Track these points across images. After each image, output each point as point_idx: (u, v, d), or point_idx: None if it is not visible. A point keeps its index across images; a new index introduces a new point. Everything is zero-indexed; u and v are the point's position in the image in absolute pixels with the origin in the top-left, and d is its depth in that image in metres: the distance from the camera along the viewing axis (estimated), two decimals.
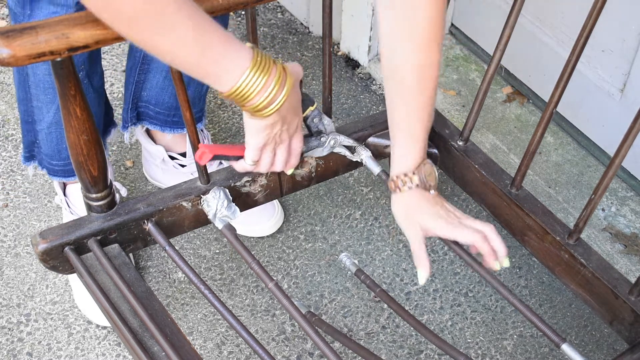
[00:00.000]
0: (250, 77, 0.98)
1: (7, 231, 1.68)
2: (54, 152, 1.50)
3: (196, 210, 1.28)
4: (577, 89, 1.78)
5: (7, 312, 1.56)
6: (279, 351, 1.52)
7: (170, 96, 1.56)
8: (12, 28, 0.92)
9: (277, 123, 1.07)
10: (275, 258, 1.66)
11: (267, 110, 1.02)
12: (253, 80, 0.98)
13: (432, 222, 1.17)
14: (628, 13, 1.62)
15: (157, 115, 1.60)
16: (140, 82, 1.56)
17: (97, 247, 1.19)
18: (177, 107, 1.58)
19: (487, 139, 1.88)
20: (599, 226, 1.72)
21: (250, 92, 0.99)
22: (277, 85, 1.01)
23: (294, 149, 1.16)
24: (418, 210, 1.18)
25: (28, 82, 1.41)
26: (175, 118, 1.60)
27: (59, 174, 1.54)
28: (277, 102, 1.02)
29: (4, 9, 2.21)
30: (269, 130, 1.08)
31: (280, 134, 1.11)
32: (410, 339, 1.54)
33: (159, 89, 1.56)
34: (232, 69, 0.97)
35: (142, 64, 1.54)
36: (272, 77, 1.00)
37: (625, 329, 1.21)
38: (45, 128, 1.46)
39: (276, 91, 1.01)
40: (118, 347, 1.52)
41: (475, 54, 2.09)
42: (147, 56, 1.52)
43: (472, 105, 1.32)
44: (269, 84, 1.00)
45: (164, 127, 1.62)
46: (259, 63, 0.98)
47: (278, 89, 1.01)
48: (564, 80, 1.19)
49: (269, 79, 1.00)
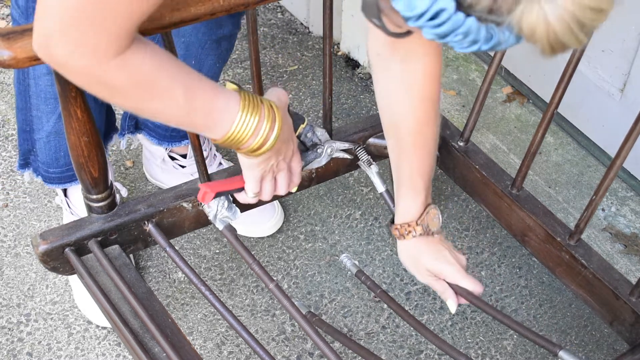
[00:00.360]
0: (241, 122, 0.98)
1: (7, 231, 1.68)
2: (51, 160, 1.49)
3: (196, 211, 1.28)
4: (577, 89, 1.78)
5: (7, 312, 1.56)
6: (279, 351, 1.52)
7: None
8: (12, 30, 0.92)
9: (272, 157, 1.08)
10: (275, 258, 1.66)
11: (262, 150, 1.03)
12: (245, 124, 0.99)
13: (439, 266, 1.19)
14: (628, 13, 1.62)
15: (155, 128, 1.60)
16: None
17: (98, 248, 1.19)
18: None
19: (487, 139, 1.88)
20: (599, 226, 1.72)
21: (243, 136, 0.99)
22: (268, 123, 1.01)
23: (294, 170, 1.17)
24: (424, 257, 1.20)
25: (29, 92, 1.40)
26: (173, 132, 1.60)
27: (55, 181, 1.53)
28: (271, 140, 1.02)
29: (4, 9, 2.21)
30: (264, 165, 1.09)
31: (277, 164, 1.12)
32: (410, 339, 1.54)
33: None
34: (224, 118, 0.98)
35: None
36: (262, 116, 1.00)
37: (625, 330, 1.21)
38: (44, 137, 1.45)
39: (269, 129, 1.01)
40: (118, 347, 1.52)
41: (475, 53, 2.09)
42: None
43: (473, 105, 1.32)
44: (260, 124, 1.00)
45: (161, 141, 1.62)
46: (247, 106, 0.99)
47: (270, 126, 1.01)
48: (564, 81, 1.19)
49: (260, 119, 1.00)
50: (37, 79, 1.37)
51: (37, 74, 1.37)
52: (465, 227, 1.73)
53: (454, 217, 1.74)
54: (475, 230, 1.72)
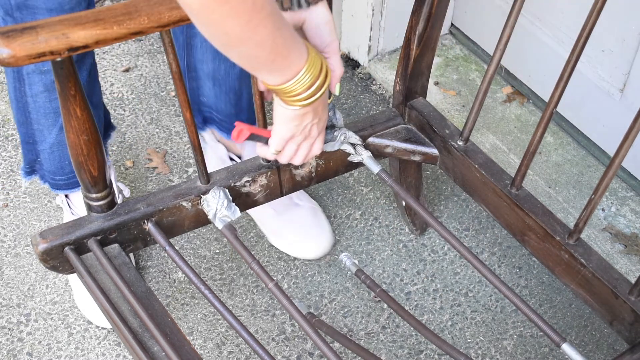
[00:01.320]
0: (302, 77, 1.00)
1: (7, 231, 1.68)
2: (57, 168, 1.49)
3: (196, 210, 1.28)
4: (577, 89, 1.78)
5: (7, 312, 1.56)
6: (279, 351, 1.52)
7: (226, 104, 1.56)
8: (12, 28, 0.92)
9: (309, 114, 1.08)
10: (275, 258, 1.66)
11: (307, 102, 1.04)
12: (304, 80, 1.00)
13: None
14: (628, 13, 1.62)
15: (221, 121, 1.60)
16: (194, 89, 1.56)
17: (97, 247, 1.19)
18: (236, 114, 1.57)
19: (487, 139, 1.88)
20: (599, 226, 1.72)
21: (297, 89, 1.01)
22: (320, 82, 1.03)
23: (316, 144, 1.17)
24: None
25: (28, 108, 1.40)
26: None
27: (62, 187, 1.53)
28: (317, 95, 1.04)
29: None
30: (298, 121, 1.09)
31: (310, 127, 1.11)
32: (410, 339, 1.54)
33: (214, 97, 1.55)
34: (289, 67, 0.98)
35: (189, 72, 1.54)
36: (320, 76, 1.02)
37: (625, 329, 1.21)
38: (48, 148, 1.45)
39: (317, 87, 1.03)
40: (118, 347, 1.52)
41: (475, 54, 2.09)
42: (190, 65, 1.52)
43: (472, 105, 1.32)
44: (314, 82, 1.02)
45: (229, 135, 1.60)
46: (312, 65, 1.00)
47: (319, 85, 1.03)
48: (564, 80, 1.19)
49: (317, 78, 1.02)
50: (35, 97, 1.37)
51: (35, 92, 1.37)
52: (465, 227, 1.73)
53: (454, 217, 1.74)
54: (475, 230, 1.72)
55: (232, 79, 1.51)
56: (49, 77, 1.36)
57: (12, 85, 1.39)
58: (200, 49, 1.49)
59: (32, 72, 1.35)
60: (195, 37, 1.48)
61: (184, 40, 1.50)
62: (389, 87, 2.01)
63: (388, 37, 2.04)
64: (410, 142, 1.43)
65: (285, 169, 1.34)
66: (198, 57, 1.50)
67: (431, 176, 1.82)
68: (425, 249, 1.69)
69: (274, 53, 0.94)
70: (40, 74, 1.35)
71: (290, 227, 1.63)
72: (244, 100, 1.56)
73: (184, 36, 1.49)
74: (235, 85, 1.53)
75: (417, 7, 1.32)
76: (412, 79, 1.41)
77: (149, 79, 2.01)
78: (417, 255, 1.67)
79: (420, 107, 1.43)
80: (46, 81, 1.36)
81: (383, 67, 2.05)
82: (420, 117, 1.42)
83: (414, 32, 1.34)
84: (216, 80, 1.52)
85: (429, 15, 1.31)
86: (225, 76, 1.51)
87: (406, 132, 1.44)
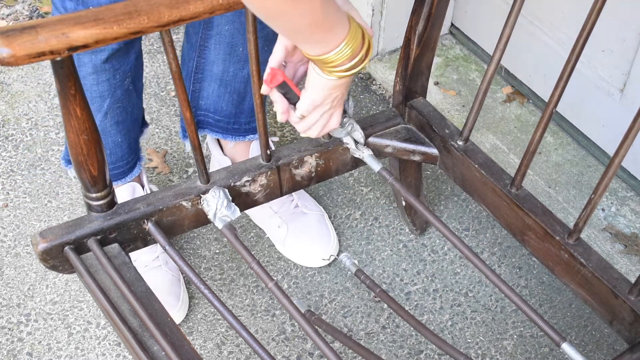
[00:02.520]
0: (342, 49, 1.00)
1: (7, 231, 1.69)
2: None
3: (196, 210, 1.28)
4: (577, 89, 1.78)
5: (7, 312, 1.56)
6: (279, 351, 1.52)
7: (228, 104, 1.56)
8: (12, 27, 0.92)
9: (343, 86, 1.09)
10: (275, 258, 1.66)
11: (347, 73, 1.04)
12: (344, 51, 1.01)
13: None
14: (628, 13, 1.62)
15: (217, 123, 1.60)
16: (196, 90, 1.56)
17: (97, 247, 1.19)
18: (237, 115, 1.58)
19: (487, 139, 1.88)
20: (599, 226, 1.72)
21: (337, 60, 1.01)
22: (363, 55, 1.03)
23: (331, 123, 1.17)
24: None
25: None
26: (235, 125, 1.60)
27: None
28: (359, 67, 1.04)
29: (4, 9, 2.21)
30: (331, 91, 1.09)
31: (340, 98, 1.12)
32: (410, 339, 1.54)
33: (216, 97, 1.56)
34: (331, 39, 0.99)
35: (196, 73, 1.54)
36: (362, 49, 1.02)
37: (625, 329, 1.21)
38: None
39: (360, 59, 1.03)
40: (118, 347, 1.52)
41: (475, 54, 2.09)
42: (200, 65, 1.53)
43: (472, 105, 1.32)
44: (356, 54, 1.02)
45: (225, 135, 1.61)
46: (353, 37, 1.00)
47: (361, 58, 1.03)
48: (563, 80, 1.19)
49: (359, 50, 1.02)
50: (82, 80, 1.36)
51: (83, 74, 1.37)
52: (465, 227, 1.73)
53: (454, 217, 1.74)
54: (475, 230, 1.72)
55: (239, 81, 1.52)
56: (99, 57, 1.36)
57: None
58: (214, 50, 1.49)
59: (83, 53, 1.34)
60: (210, 39, 1.48)
61: (197, 41, 1.50)
62: (389, 87, 2.01)
63: (388, 37, 2.04)
64: (410, 142, 1.43)
65: (285, 168, 1.34)
66: (210, 58, 1.51)
67: (431, 176, 1.82)
68: (425, 249, 1.69)
69: (314, 26, 0.94)
70: (91, 53, 1.35)
71: (296, 237, 1.64)
72: (247, 102, 1.56)
73: (198, 37, 1.49)
74: (240, 88, 1.53)
75: (417, 7, 1.32)
76: (412, 79, 1.41)
77: (149, 79, 2.01)
78: (417, 255, 1.67)
79: (420, 107, 1.43)
80: (96, 61, 1.36)
81: (383, 67, 2.05)
82: (420, 117, 1.42)
83: (414, 32, 1.35)
84: (223, 82, 1.52)
85: (429, 15, 1.31)
86: (232, 78, 1.52)
87: (406, 132, 1.44)
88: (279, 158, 1.33)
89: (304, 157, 1.35)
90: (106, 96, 1.42)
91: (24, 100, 1.96)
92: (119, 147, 1.50)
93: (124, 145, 1.51)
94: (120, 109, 1.46)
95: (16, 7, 2.23)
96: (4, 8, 2.22)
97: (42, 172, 1.80)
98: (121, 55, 1.39)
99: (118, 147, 1.50)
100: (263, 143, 1.30)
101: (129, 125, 1.50)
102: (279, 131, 1.90)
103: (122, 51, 1.38)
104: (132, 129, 1.52)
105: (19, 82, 2.01)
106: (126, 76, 1.42)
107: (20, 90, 1.99)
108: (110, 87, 1.41)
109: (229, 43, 1.47)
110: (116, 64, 1.39)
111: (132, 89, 1.45)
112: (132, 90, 1.45)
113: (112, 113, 1.45)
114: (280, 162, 1.33)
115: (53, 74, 1.03)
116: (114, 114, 1.45)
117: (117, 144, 1.50)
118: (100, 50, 1.35)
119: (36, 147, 1.85)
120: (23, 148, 1.85)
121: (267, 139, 1.30)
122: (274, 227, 1.66)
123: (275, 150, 1.34)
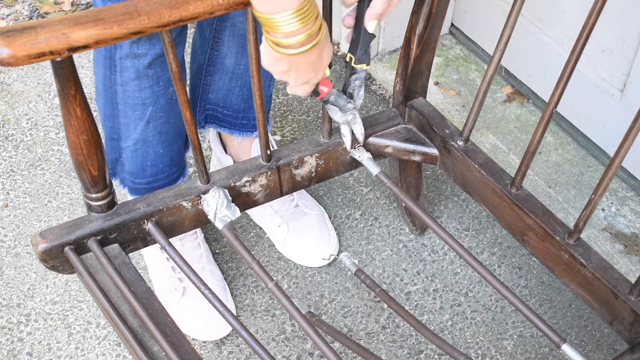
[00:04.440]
0: (289, 18, 0.97)
1: (7, 231, 1.69)
2: (138, 170, 1.46)
3: (196, 210, 1.28)
4: (577, 89, 1.78)
5: (7, 312, 1.56)
6: (279, 351, 1.52)
7: (238, 98, 1.55)
8: (12, 28, 0.92)
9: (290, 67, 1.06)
10: (275, 258, 1.66)
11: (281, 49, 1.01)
12: (289, 21, 0.98)
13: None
14: (628, 13, 1.62)
15: (225, 117, 1.59)
16: (207, 84, 1.55)
17: (97, 247, 1.19)
18: (245, 110, 1.57)
19: (487, 139, 1.88)
20: (599, 226, 1.72)
21: (277, 28, 0.98)
22: (303, 40, 1.00)
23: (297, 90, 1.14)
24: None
25: (116, 99, 1.36)
26: (243, 121, 1.59)
27: (141, 192, 1.49)
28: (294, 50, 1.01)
29: (4, 9, 2.21)
30: (275, 61, 1.06)
31: (297, 77, 1.09)
32: (410, 339, 1.54)
33: (226, 91, 1.55)
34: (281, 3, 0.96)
35: (208, 66, 1.53)
36: (306, 28, 0.99)
37: (625, 329, 1.21)
38: (131, 145, 1.42)
39: (296, 43, 1.00)
40: (118, 347, 1.52)
41: (475, 54, 2.09)
42: (212, 59, 1.52)
43: (472, 105, 1.32)
44: (298, 33, 0.99)
45: (232, 130, 1.60)
46: (306, 13, 0.98)
47: (299, 42, 1.00)
48: (564, 80, 1.19)
49: (303, 28, 0.99)
50: (124, 85, 1.34)
51: (125, 79, 1.33)
52: (465, 227, 1.73)
53: (454, 217, 1.74)
54: (475, 230, 1.72)
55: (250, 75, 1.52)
56: (142, 62, 1.31)
57: (101, 74, 1.34)
58: (227, 43, 1.48)
59: (125, 57, 1.30)
60: (224, 31, 1.47)
61: (210, 33, 1.49)
62: (389, 87, 2.01)
63: (388, 37, 2.04)
64: (410, 142, 1.43)
65: (285, 168, 1.34)
66: (223, 51, 1.49)
67: (431, 176, 1.82)
68: (425, 249, 1.69)
69: None
70: (133, 58, 1.30)
71: (296, 236, 1.64)
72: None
73: (212, 29, 1.48)
74: (250, 81, 1.52)
75: (417, 7, 1.32)
76: (412, 79, 1.41)
77: None
78: (417, 255, 1.67)
79: (420, 107, 1.43)
80: (139, 66, 1.31)
81: (383, 67, 2.05)
82: (420, 117, 1.42)
83: (414, 32, 1.35)
84: (234, 75, 1.52)
85: (429, 15, 1.31)
86: (244, 71, 1.51)
87: (406, 132, 1.44)
88: (279, 158, 1.33)
89: (304, 157, 1.35)
90: (148, 104, 1.37)
91: (24, 100, 1.96)
92: (160, 159, 1.46)
93: (166, 157, 1.46)
94: (164, 119, 1.40)
95: (16, 7, 2.23)
96: (4, 8, 2.22)
97: (42, 172, 1.80)
98: (164, 61, 1.33)
99: (159, 159, 1.46)
100: (263, 143, 1.30)
101: (172, 137, 1.45)
102: (279, 131, 1.90)
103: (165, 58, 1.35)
104: (174, 141, 1.46)
105: (19, 82, 2.01)
106: (169, 84, 1.37)
107: (20, 90, 1.99)
108: (153, 94, 1.36)
109: (243, 35, 1.46)
110: (159, 70, 1.34)
111: (175, 99, 1.39)
112: (175, 100, 1.40)
113: (154, 122, 1.40)
114: (280, 162, 1.33)
115: (53, 74, 1.03)
116: (156, 124, 1.40)
117: (158, 155, 1.45)
118: (143, 55, 1.30)
119: (36, 147, 1.85)
120: (23, 148, 1.85)
121: (267, 139, 1.30)
122: (274, 227, 1.66)
123: (275, 151, 1.34)
